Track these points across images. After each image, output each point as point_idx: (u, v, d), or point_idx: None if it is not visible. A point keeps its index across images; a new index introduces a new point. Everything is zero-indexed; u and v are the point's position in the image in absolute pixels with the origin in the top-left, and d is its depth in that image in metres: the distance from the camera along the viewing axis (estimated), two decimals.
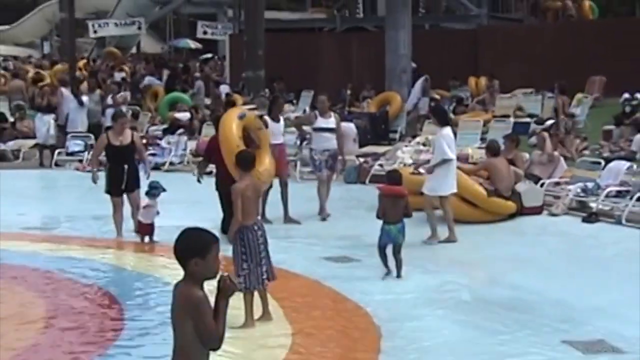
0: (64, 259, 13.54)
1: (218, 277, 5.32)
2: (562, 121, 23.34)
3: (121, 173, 15.10)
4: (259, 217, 10.39)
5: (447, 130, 14.94)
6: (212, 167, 15.88)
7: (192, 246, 5.31)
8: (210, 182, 15.30)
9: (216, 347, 5.30)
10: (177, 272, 11.55)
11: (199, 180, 15.55)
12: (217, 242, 5.33)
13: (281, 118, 17.14)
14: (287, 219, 16.35)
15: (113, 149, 15.18)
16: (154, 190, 14.89)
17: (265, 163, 14.74)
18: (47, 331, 9.90)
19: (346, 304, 10.87)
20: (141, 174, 15.44)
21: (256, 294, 10.01)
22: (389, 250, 12.56)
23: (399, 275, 12.36)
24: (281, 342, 9.36)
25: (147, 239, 14.84)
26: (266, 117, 16.64)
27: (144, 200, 14.95)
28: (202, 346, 5.25)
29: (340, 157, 17.07)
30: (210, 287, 5.25)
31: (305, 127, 18.96)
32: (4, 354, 9.00)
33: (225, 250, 9.75)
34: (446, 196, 14.71)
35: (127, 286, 11.88)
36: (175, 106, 30.33)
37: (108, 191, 15.31)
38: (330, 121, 16.99)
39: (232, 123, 14.69)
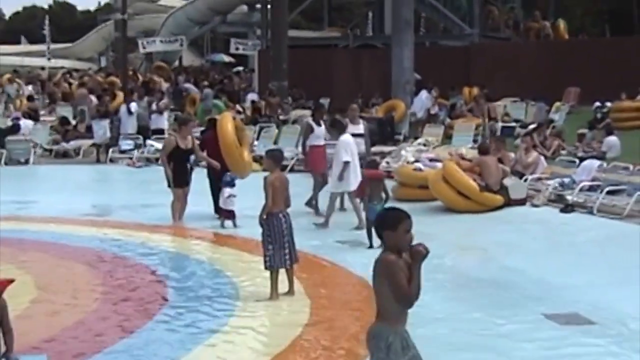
0: (117, 241, 13.58)
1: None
2: (487, 125, 23.63)
3: (184, 170, 15.20)
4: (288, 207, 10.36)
5: (345, 137, 15.09)
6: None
7: (386, 221, 5.52)
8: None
9: (408, 306, 5.48)
10: (214, 254, 11.57)
11: (191, 168, 15.89)
12: (408, 218, 5.55)
13: (322, 123, 16.87)
14: (316, 211, 15.92)
15: (180, 151, 15.22)
16: (232, 182, 15.10)
17: (246, 156, 16.24)
18: (99, 302, 9.92)
19: (355, 280, 10.85)
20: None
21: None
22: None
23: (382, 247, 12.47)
24: (303, 311, 9.38)
25: (230, 223, 14.87)
26: (310, 121, 16.70)
27: (225, 191, 15.00)
28: (397, 305, 5.42)
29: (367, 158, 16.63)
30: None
31: None
32: (64, 321, 9.02)
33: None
34: (335, 193, 14.93)
35: (171, 265, 11.90)
36: (210, 111, 30.28)
37: (170, 184, 15.32)
38: (360, 127, 16.76)
39: (228, 124, 15.85)
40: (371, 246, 12.94)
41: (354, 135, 16.24)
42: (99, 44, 70.60)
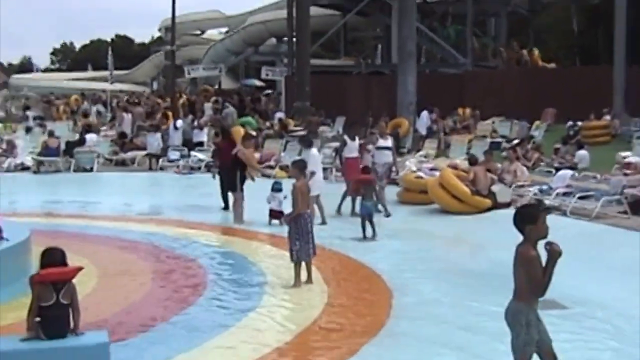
0: (166, 236, 13.64)
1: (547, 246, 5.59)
2: (442, 139, 23.81)
3: (244, 177, 15.30)
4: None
5: (312, 151, 15.32)
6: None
7: (527, 216, 5.58)
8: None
9: (541, 295, 5.51)
10: (245, 247, 11.54)
11: (214, 177, 16.47)
12: (545, 212, 5.60)
13: (356, 137, 16.62)
14: (339, 210, 15.93)
15: (240, 160, 15.38)
16: (280, 187, 15.19)
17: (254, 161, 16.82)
18: (152, 286, 9.99)
19: (366, 271, 10.86)
20: None
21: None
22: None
23: (374, 236, 13.41)
24: (321, 295, 9.40)
25: (277, 221, 14.85)
26: (345, 137, 16.54)
27: (276, 195, 15.03)
28: (531, 291, 5.48)
29: (394, 168, 16.72)
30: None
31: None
32: (122, 301, 9.06)
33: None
34: (317, 195, 14.73)
35: (211, 256, 11.92)
36: (245, 127, 30.34)
37: (234, 189, 15.34)
38: (388, 141, 16.70)
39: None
40: (364, 237, 13.41)
41: (382, 148, 16.45)
42: (151, 70, 70.99)
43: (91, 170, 24.59)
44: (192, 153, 24.86)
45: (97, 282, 9.94)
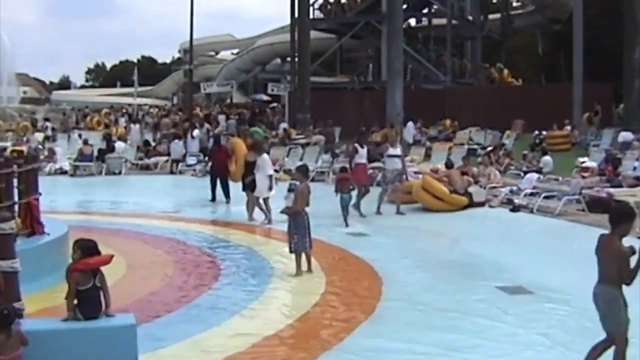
0: (184, 231, 13.67)
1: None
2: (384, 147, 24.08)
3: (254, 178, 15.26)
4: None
5: (265, 156, 15.06)
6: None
7: (628, 214, 5.48)
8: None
9: (628, 284, 5.41)
10: (252, 240, 11.56)
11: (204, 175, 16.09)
12: (635, 215, 5.54)
13: (364, 145, 16.24)
14: (360, 213, 15.38)
15: (249, 164, 15.35)
16: (296, 188, 15.13)
17: (234, 167, 17.07)
18: (173, 275, 10.01)
19: (359, 261, 10.89)
20: None
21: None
22: (353, 207, 14.80)
23: (347, 225, 14.08)
24: (321, 283, 9.42)
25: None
26: (356, 145, 16.06)
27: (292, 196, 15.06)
28: (621, 280, 5.39)
29: (404, 175, 16.04)
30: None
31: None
32: (148, 288, 9.12)
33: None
34: (267, 197, 14.72)
35: (226, 249, 11.93)
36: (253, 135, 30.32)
37: (245, 189, 15.31)
38: (397, 150, 16.08)
39: (243, 145, 17.01)
40: (347, 225, 14.06)
41: (392, 156, 15.86)
42: (172, 87, 71.01)
43: (120, 173, 24.68)
44: (207, 158, 24.90)
45: (126, 271, 9.98)
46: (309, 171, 11.13)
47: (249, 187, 15.12)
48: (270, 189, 14.67)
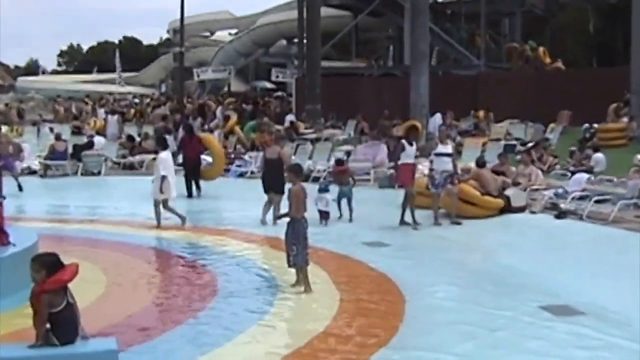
0: (175, 240, 13.66)
1: None
2: (433, 143, 24.15)
3: (268, 178, 15.45)
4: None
5: (163, 154, 15.24)
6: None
7: None
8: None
9: None
10: (254, 251, 11.55)
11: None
12: None
13: (414, 142, 15.81)
14: (402, 222, 15.17)
15: (266, 161, 15.80)
16: (327, 188, 15.71)
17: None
18: (156, 292, 10.02)
19: (379, 276, 10.86)
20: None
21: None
22: (344, 203, 15.74)
23: (351, 220, 15.42)
24: (333, 302, 9.38)
25: (324, 222, 15.12)
26: (403, 141, 15.72)
27: (323, 196, 15.27)
28: None
29: (456, 177, 15.60)
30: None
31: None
32: (129, 308, 9.10)
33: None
34: (167, 199, 15.03)
35: (221, 261, 11.90)
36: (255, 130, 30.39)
37: (281, 190, 15.21)
38: (448, 147, 15.70)
39: (215, 141, 19.43)
40: (341, 216, 15.54)
41: (442, 154, 15.50)
42: (160, 73, 71.25)
43: (99, 174, 24.69)
44: (202, 157, 24.89)
45: (106, 288, 9.98)
46: (302, 171, 11.07)
47: (272, 189, 15.38)
48: (161, 191, 14.98)
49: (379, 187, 20.43)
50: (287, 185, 10.76)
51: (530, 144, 23.97)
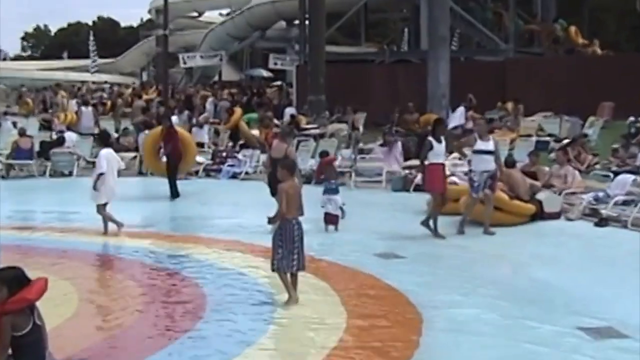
0: (157, 251, 13.67)
1: None
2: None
3: (274, 179, 15.35)
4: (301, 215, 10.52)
5: (103, 151, 15.55)
6: None
7: None
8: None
9: None
10: (246, 262, 11.54)
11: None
12: None
13: (442, 139, 15.52)
14: (436, 234, 14.98)
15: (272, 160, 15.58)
16: (337, 189, 15.83)
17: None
18: (136, 311, 10.02)
19: (392, 292, 10.84)
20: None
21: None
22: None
23: (336, 228, 15.34)
24: (336, 320, 9.38)
25: (332, 227, 15.26)
26: (430, 138, 15.42)
27: (333, 198, 15.43)
28: None
29: (496, 179, 15.32)
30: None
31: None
32: (107, 330, 9.08)
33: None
34: (104, 204, 15.19)
35: (209, 274, 11.87)
36: (250, 125, 30.40)
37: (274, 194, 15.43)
38: (490, 144, 15.33)
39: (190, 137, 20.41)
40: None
41: (482, 152, 15.27)
42: (140, 59, 71.28)
43: (70, 174, 24.67)
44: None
45: (78, 307, 9.97)
46: (296, 167, 11.16)
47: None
48: (96, 189, 15.18)
49: (392, 190, 20.42)
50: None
51: (566, 141, 23.91)
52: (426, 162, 15.32)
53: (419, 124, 27.46)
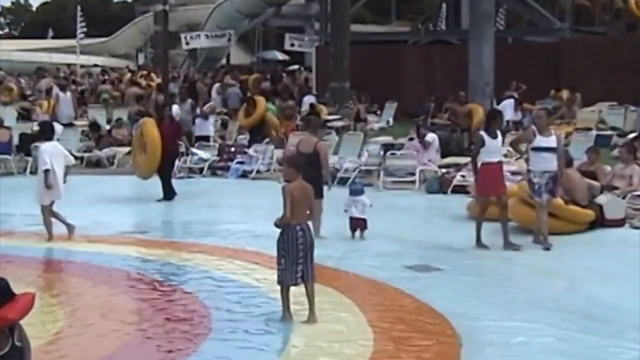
0: (153, 262, 13.74)
1: None
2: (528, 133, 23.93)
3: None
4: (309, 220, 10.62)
5: (46, 145, 15.63)
6: None
7: None
8: None
9: None
10: (254, 273, 11.59)
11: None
12: None
13: (499, 133, 15.29)
14: (507, 244, 14.82)
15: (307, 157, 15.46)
16: (363, 190, 15.83)
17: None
18: (129, 330, 10.03)
19: (428, 312, 10.83)
20: None
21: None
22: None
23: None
24: (364, 346, 9.34)
25: (358, 233, 15.31)
26: (481, 133, 15.25)
27: (359, 199, 15.40)
28: None
29: (560, 180, 15.06)
30: None
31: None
32: (96, 353, 9.11)
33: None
34: (49, 205, 15.36)
35: (212, 288, 11.90)
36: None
37: (320, 194, 15.38)
38: (551, 139, 14.97)
39: (155, 131, 20.09)
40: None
41: (542, 149, 14.92)
42: (136, 39, 71.43)
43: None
44: (192, 150, 24.97)
45: (63, 325, 10.00)
46: (302, 165, 11.10)
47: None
48: (49, 187, 15.30)
49: (426, 191, 20.40)
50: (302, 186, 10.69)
51: (631, 135, 23.83)
52: (478, 162, 15.07)
53: (471, 117, 26.98)
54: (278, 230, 10.32)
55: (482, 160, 14.97)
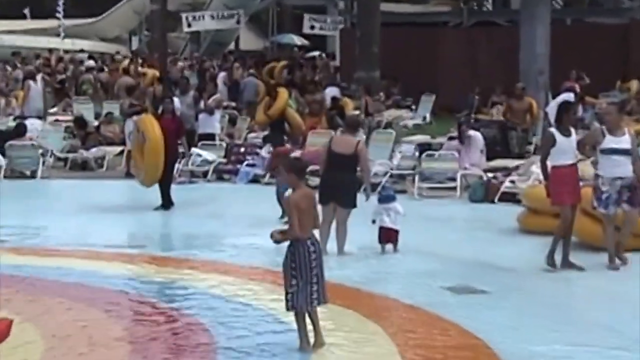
0: (148, 281, 13.83)
1: None
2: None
3: (330, 183, 15.48)
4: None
5: None
6: None
7: None
8: None
9: None
10: (259, 293, 11.70)
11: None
12: None
13: (572, 131, 15.10)
14: (566, 263, 14.64)
15: (332, 155, 15.65)
16: (394, 196, 15.95)
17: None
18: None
19: (470, 341, 10.84)
20: None
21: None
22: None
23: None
24: None
25: (389, 246, 15.38)
26: (552, 130, 15.19)
27: (392, 206, 15.51)
28: None
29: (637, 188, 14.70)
30: None
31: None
32: None
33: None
34: None
35: (216, 311, 11.95)
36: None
37: (351, 204, 15.55)
38: (624, 140, 14.71)
39: (155, 127, 19.86)
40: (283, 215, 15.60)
41: (612, 151, 14.66)
42: (129, 19, 71.47)
43: (33, 176, 24.85)
44: (195, 150, 25.01)
45: (45, 352, 10.05)
46: (306, 170, 11.12)
47: (337, 199, 15.40)
48: None
49: (469, 200, 20.39)
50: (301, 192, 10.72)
51: None
52: (549, 164, 14.87)
53: (532, 114, 26.69)
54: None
55: (554, 162, 14.77)
